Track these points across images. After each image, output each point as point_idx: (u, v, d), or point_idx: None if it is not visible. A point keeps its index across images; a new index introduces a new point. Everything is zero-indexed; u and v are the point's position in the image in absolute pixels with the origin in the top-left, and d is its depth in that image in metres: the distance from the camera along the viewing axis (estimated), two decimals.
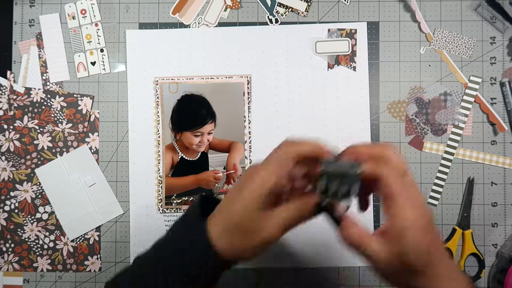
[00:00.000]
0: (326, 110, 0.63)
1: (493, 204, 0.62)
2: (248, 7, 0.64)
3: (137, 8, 0.64)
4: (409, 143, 0.62)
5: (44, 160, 0.63)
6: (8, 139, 0.64)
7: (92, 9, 0.64)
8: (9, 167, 0.64)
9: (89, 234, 0.63)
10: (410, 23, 0.63)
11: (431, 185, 0.62)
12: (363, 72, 0.63)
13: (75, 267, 0.63)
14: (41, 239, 0.63)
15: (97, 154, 0.64)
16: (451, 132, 0.62)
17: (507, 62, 0.62)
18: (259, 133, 0.63)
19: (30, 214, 0.63)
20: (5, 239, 0.63)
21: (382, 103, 0.63)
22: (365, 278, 0.62)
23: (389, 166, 0.37)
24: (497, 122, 0.61)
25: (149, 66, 0.64)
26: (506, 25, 0.62)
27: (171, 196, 0.63)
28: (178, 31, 0.64)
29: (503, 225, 0.62)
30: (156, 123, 0.63)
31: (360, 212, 0.43)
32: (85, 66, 0.64)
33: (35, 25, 0.64)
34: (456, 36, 0.62)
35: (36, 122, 0.63)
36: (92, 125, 0.64)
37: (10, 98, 0.64)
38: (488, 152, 0.62)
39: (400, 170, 0.37)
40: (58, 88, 0.64)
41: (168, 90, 0.63)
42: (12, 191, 0.64)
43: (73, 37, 0.64)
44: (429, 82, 0.62)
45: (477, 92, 0.62)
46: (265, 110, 0.63)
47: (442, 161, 0.62)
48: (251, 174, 0.39)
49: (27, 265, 0.63)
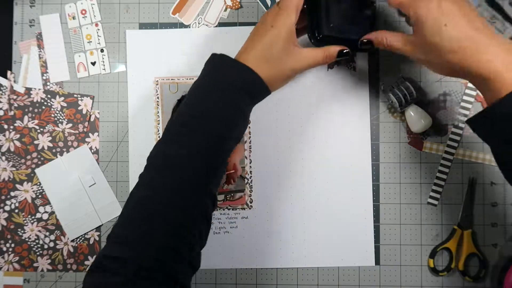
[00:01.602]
0: (326, 110, 0.63)
1: (493, 204, 0.62)
2: (248, 7, 0.64)
3: (137, 8, 0.64)
4: (409, 143, 0.62)
5: (44, 160, 0.63)
6: (8, 139, 0.64)
7: (92, 9, 0.64)
8: (9, 167, 0.64)
9: (89, 234, 0.63)
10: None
11: (431, 185, 0.62)
12: (363, 72, 0.63)
13: (75, 267, 0.63)
14: (41, 239, 0.63)
15: (97, 154, 0.64)
16: (451, 132, 0.62)
17: None
18: (259, 133, 0.63)
19: (30, 214, 0.64)
20: (5, 239, 0.63)
21: (382, 103, 0.63)
22: (365, 278, 0.62)
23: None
24: None
25: (149, 66, 0.64)
26: (506, 25, 0.62)
27: None
28: (178, 31, 0.64)
29: (503, 225, 0.62)
30: (156, 123, 0.63)
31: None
32: (85, 66, 0.64)
33: (35, 25, 0.64)
34: None
35: (36, 122, 0.64)
36: (92, 125, 0.64)
37: (10, 98, 0.64)
38: (488, 152, 0.62)
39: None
40: (58, 88, 0.64)
41: (168, 90, 0.63)
42: (12, 191, 0.64)
43: (73, 37, 0.64)
44: (429, 82, 0.62)
45: (477, 92, 0.62)
46: (265, 110, 0.63)
47: (442, 161, 0.62)
48: (275, 16, 0.48)
49: (27, 265, 0.63)
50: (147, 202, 0.44)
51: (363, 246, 0.62)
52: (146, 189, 0.45)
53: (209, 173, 0.46)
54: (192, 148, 0.45)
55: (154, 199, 0.44)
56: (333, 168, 0.62)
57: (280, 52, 0.48)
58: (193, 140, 0.45)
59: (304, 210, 0.62)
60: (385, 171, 0.62)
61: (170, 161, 0.45)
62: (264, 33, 0.48)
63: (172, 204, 0.44)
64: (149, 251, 0.42)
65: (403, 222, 0.62)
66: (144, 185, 0.45)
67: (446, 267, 0.61)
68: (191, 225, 0.44)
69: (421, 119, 0.59)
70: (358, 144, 0.62)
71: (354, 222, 0.62)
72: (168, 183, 0.44)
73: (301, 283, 0.62)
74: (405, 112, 0.60)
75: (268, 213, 0.63)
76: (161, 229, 0.43)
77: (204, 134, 0.45)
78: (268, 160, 0.63)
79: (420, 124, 0.59)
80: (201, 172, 0.45)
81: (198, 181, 0.45)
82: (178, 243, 0.43)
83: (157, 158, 0.46)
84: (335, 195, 0.62)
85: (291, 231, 0.62)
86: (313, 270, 0.62)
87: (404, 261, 0.62)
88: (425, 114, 0.60)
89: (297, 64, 0.49)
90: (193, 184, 0.45)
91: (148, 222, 0.43)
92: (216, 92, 0.47)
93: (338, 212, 0.62)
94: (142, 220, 0.43)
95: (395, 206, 0.62)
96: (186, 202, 0.44)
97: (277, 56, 0.48)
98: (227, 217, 0.63)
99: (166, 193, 0.44)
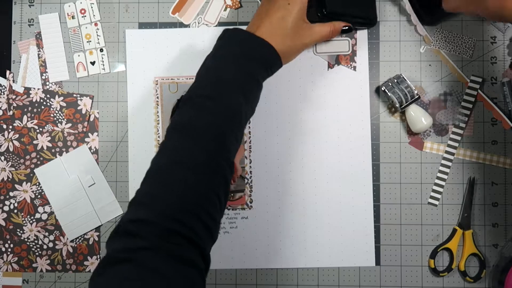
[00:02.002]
0: (326, 110, 0.63)
1: (494, 204, 0.62)
2: (248, 7, 0.64)
3: (136, 7, 0.64)
4: (409, 143, 0.62)
5: (44, 160, 0.63)
6: (8, 139, 0.63)
7: (91, 9, 0.64)
8: (8, 167, 0.63)
9: (89, 235, 0.63)
10: (410, 23, 0.63)
11: (431, 185, 0.62)
12: (363, 72, 0.63)
13: (75, 267, 0.63)
14: (40, 239, 0.63)
15: (96, 154, 0.63)
16: (452, 132, 0.62)
17: (507, 62, 0.62)
18: (259, 133, 0.63)
19: (30, 214, 0.63)
20: (4, 239, 0.63)
21: (382, 103, 0.63)
22: (365, 278, 0.62)
23: None
24: (502, 119, 0.61)
25: (149, 66, 0.63)
26: (506, 24, 0.62)
27: None
28: (178, 31, 0.64)
29: (504, 225, 0.62)
30: (156, 123, 0.63)
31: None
32: (84, 66, 0.64)
33: (35, 24, 0.64)
34: (456, 36, 0.62)
35: (35, 122, 0.63)
36: (92, 125, 0.64)
37: (9, 98, 0.63)
38: (488, 152, 0.62)
39: None
40: (57, 88, 0.64)
41: (168, 90, 0.63)
42: (11, 191, 0.63)
43: (73, 37, 0.64)
44: (430, 82, 0.62)
45: (478, 91, 0.61)
46: (265, 110, 0.63)
47: (443, 161, 0.62)
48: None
49: (27, 266, 0.63)
50: (170, 168, 0.44)
51: (364, 246, 0.62)
52: (168, 155, 0.46)
53: (229, 141, 0.47)
54: (214, 116, 0.46)
55: (176, 164, 0.44)
56: (333, 168, 0.62)
57: (294, 27, 0.52)
58: (215, 107, 0.46)
59: (304, 210, 0.62)
60: (386, 171, 0.62)
61: (192, 127, 0.46)
62: (279, 8, 0.51)
63: (195, 169, 0.44)
64: (174, 215, 0.42)
65: (403, 222, 0.62)
66: (166, 151, 0.46)
67: (447, 268, 0.61)
68: (213, 190, 0.45)
69: (422, 118, 0.59)
70: (358, 144, 0.62)
71: (354, 222, 0.62)
72: (190, 148, 0.45)
73: (301, 283, 0.62)
74: (406, 112, 0.60)
75: (268, 213, 0.62)
76: (185, 194, 0.43)
77: (225, 103, 0.47)
78: (268, 160, 0.63)
79: (421, 123, 0.59)
80: (221, 139, 0.46)
81: (219, 147, 0.46)
82: (200, 209, 0.43)
83: (178, 124, 0.47)
84: (335, 195, 0.62)
85: (291, 231, 0.62)
86: (313, 270, 0.62)
87: (405, 262, 0.62)
88: (426, 114, 0.59)
89: (307, 38, 0.54)
90: (214, 151, 0.45)
91: (171, 187, 0.43)
92: (235, 62, 0.49)
93: (338, 212, 0.62)
94: (164, 186, 0.44)
95: (396, 206, 0.62)
96: (208, 167, 0.45)
97: (292, 31, 0.52)
98: (227, 217, 0.63)
99: (189, 158, 0.44)
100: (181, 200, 0.43)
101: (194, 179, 0.44)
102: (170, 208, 0.42)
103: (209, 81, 0.48)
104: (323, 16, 0.57)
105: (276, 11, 0.51)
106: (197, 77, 0.50)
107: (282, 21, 0.51)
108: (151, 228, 0.41)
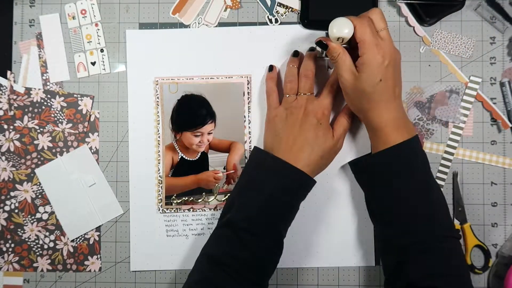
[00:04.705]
0: None
1: (493, 204, 0.62)
2: (248, 7, 0.64)
3: (137, 8, 0.64)
4: None
5: (44, 160, 0.63)
6: (8, 139, 0.64)
7: (92, 9, 0.64)
8: (9, 167, 0.64)
9: (89, 234, 0.63)
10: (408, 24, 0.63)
11: None
12: None
13: (75, 267, 0.63)
14: (41, 239, 0.63)
15: (97, 154, 0.64)
16: (451, 132, 0.62)
17: (507, 62, 0.62)
18: (259, 133, 0.63)
19: (30, 214, 0.63)
20: (5, 239, 0.63)
21: None
22: (365, 278, 0.62)
23: (365, 21, 0.50)
24: (501, 119, 0.61)
25: (149, 66, 0.64)
26: (506, 25, 0.62)
27: (171, 196, 0.63)
28: (178, 31, 0.64)
29: (503, 225, 0.62)
30: (156, 123, 0.63)
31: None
32: (85, 66, 0.64)
33: (35, 25, 0.64)
34: (456, 36, 0.62)
35: (36, 122, 0.64)
36: (92, 125, 0.64)
37: (10, 98, 0.64)
38: (488, 152, 0.62)
39: (374, 26, 0.51)
40: (58, 88, 0.64)
41: (168, 90, 0.63)
42: (12, 191, 0.64)
43: (73, 37, 0.64)
44: (429, 82, 0.62)
45: (477, 91, 0.62)
46: (265, 110, 0.63)
47: (442, 161, 0.62)
48: (318, 130, 0.56)
49: (27, 265, 0.63)
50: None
51: (363, 246, 0.62)
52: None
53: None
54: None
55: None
56: (333, 168, 0.62)
57: (329, 149, 0.56)
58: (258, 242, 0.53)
59: (304, 210, 0.62)
60: None
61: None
62: (315, 133, 0.55)
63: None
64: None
65: None
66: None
67: None
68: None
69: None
70: (359, 144, 0.62)
71: (354, 222, 0.62)
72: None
73: (301, 283, 0.62)
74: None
75: None
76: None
77: (268, 233, 0.54)
78: None
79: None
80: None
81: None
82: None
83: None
84: (335, 195, 0.62)
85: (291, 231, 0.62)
86: (313, 270, 0.62)
87: None
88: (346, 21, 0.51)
89: (336, 145, 0.57)
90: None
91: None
92: (277, 194, 0.54)
93: (338, 212, 0.62)
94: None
95: None
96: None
97: (328, 153, 0.56)
98: None
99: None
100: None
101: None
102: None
103: (254, 221, 0.53)
104: (307, 24, 0.61)
105: (314, 138, 0.55)
106: (248, 209, 0.54)
107: (313, 156, 0.55)
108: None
